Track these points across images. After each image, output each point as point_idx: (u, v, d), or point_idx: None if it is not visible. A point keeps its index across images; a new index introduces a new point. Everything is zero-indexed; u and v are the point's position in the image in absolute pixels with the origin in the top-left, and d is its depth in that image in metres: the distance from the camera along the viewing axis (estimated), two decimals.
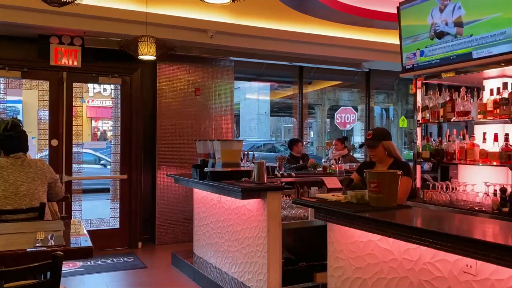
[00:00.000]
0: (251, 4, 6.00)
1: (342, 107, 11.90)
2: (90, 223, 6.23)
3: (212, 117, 6.73)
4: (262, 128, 19.40)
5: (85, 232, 2.46)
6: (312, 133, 19.06)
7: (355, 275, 2.74)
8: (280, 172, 5.56)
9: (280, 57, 6.94)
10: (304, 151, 7.12)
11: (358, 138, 15.36)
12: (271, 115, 19.96)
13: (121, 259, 5.68)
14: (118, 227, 6.32)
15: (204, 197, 4.94)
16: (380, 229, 2.40)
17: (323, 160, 7.25)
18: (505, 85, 3.47)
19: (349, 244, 2.79)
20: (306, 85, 8.07)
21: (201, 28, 5.88)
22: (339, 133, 15.03)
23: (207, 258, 4.87)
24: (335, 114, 11.74)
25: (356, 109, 11.01)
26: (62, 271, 1.76)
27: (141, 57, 4.96)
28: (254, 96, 18.98)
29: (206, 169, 4.36)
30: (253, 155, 5.01)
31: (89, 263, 5.40)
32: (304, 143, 7.47)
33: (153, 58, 5.03)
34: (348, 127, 11.68)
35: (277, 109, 19.61)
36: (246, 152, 4.83)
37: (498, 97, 3.51)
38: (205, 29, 5.90)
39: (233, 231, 4.27)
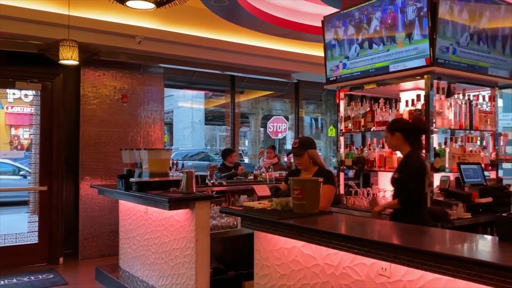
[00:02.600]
0: (180, 11, 5.95)
1: (274, 117, 12.15)
2: (4, 239, 5.76)
3: (141, 125, 6.53)
4: (196, 137, 19.19)
5: None
6: (246, 141, 19.20)
7: (280, 282, 2.76)
8: (211, 181, 5.52)
9: (212, 66, 6.94)
10: (237, 160, 7.14)
11: (289, 147, 15.70)
12: (205, 124, 19.82)
13: (40, 276, 5.30)
14: (37, 242, 5.90)
15: (130, 209, 4.76)
16: (302, 235, 2.44)
17: (255, 168, 7.32)
18: (418, 97, 3.73)
19: (274, 251, 2.82)
20: (238, 94, 8.13)
21: (128, 34, 5.72)
22: (272, 142, 15.31)
23: (133, 271, 4.69)
24: (268, 123, 11.95)
25: (287, 119, 11.28)
26: None
27: (62, 61, 4.71)
28: (188, 104, 18.76)
29: (131, 179, 4.20)
30: (182, 164, 4.92)
31: (2, 282, 4.98)
32: (240, 152, 7.50)
33: (76, 63, 4.80)
34: (280, 136, 11.93)
35: (212, 118, 19.53)
36: (175, 161, 4.74)
37: (412, 108, 3.76)
38: (133, 34, 5.75)
39: (161, 243, 4.15)
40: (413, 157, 3.17)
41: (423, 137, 3.30)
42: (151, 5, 3.00)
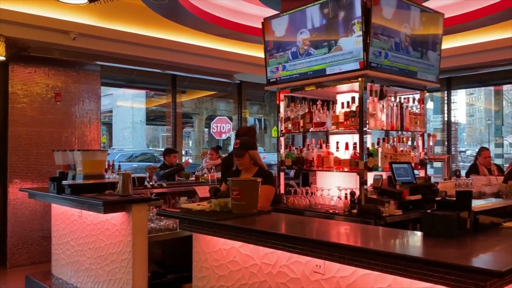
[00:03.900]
0: (118, 8, 5.78)
1: (218, 117, 12.10)
2: None
3: (76, 125, 6.25)
4: (137, 137, 18.69)
5: None
6: (190, 142, 18.98)
7: (219, 284, 2.75)
8: (151, 183, 5.39)
9: (152, 64, 6.78)
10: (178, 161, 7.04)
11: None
12: (147, 124, 19.35)
13: None
14: None
15: (63, 213, 4.53)
16: (240, 235, 2.45)
17: (197, 169, 7.24)
18: (353, 99, 3.86)
19: (213, 252, 2.80)
20: (180, 93, 8.01)
21: (62, 29, 5.45)
22: (217, 143, 15.25)
23: (67, 278, 4.47)
24: (211, 123, 11.89)
25: (231, 119, 11.28)
26: None
27: None
28: (128, 104, 18.22)
29: (64, 182, 4.01)
30: (119, 165, 4.76)
31: None
32: (183, 152, 7.39)
33: (2, 58, 4.50)
34: (223, 136, 11.90)
35: (154, 117, 19.12)
36: (111, 163, 4.57)
37: (347, 110, 3.89)
38: (67, 30, 5.49)
39: (96, 248, 3.99)
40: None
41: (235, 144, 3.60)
42: (84, 0, 2.88)
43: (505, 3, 5.25)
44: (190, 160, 7.93)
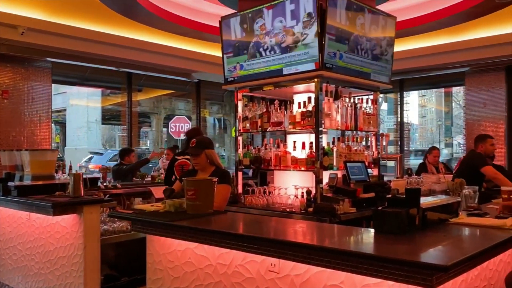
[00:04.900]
0: (70, 2, 5.57)
1: (176, 116, 11.92)
2: None
3: (25, 124, 5.97)
4: (92, 137, 18.10)
5: None
6: (148, 142, 18.61)
7: (174, 285, 2.70)
8: (104, 184, 5.23)
9: (106, 62, 6.58)
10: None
11: None
12: (102, 123, 18.77)
13: None
14: None
15: (10, 216, 4.32)
16: (194, 236, 2.42)
17: (153, 169, 7.10)
18: (309, 99, 3.91)
19: (167, 254, 2.75)
20: (136, 92, 7.83)
21: (9, 23, 5.19)
22: (175, 142, 15.02)
23: (14, 284, 4.26)
24: (170, 123, 11.70)
25: (190, 119, 11.14)
26: None
27: None
28: (83, 102, 17.60)
29: (10, 183, 3.82)
30: (70, 165, 4.59)
31: None
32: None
33: None
34: (182, 136, 11.74)
35: (110, 117, 18.57)
36: (62, 163, 4.40)
37: (304, 109, 3.93)
38: (15, 24, 5.23)
39: (45, 252, 3.83)
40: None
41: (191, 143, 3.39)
42: None
43: (452, 9, 5.49)
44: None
